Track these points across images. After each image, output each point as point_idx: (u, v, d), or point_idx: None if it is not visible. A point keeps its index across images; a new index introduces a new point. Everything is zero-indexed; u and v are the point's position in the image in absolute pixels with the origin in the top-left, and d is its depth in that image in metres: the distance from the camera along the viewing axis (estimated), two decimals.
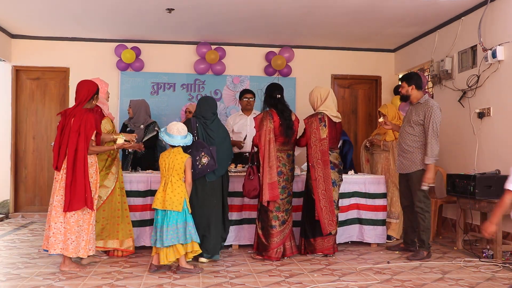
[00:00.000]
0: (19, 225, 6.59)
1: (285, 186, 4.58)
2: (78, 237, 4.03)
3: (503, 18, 5.28)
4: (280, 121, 4.55)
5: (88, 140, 3.99)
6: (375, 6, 5.79)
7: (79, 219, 4.03)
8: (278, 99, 4.64)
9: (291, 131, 4.60)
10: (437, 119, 4.61)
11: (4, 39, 7.06)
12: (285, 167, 4.59)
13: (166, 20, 6.45)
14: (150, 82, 7.45)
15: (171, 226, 3.95)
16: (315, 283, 3.78)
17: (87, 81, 4.25)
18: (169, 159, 4.08)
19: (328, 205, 4.57)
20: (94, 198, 4.10)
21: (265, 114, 4.59)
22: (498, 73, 5.34)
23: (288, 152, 4.65)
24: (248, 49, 7.67)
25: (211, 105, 4.55)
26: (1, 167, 7.26)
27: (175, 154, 4.10)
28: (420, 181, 4.69)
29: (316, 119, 4.63)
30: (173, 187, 4.02)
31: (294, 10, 5.98)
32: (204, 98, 4.70)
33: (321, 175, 4.57)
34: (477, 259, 4.68)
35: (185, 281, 3.83)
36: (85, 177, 3.97)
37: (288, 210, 4.63)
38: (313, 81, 7.63)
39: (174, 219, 3.97)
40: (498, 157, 5.29)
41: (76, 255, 4.06)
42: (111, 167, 4.54)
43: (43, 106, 7.45)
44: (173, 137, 4.08)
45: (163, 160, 4.11)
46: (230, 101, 7.60)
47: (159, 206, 4.01)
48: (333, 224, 4.59)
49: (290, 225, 4.66)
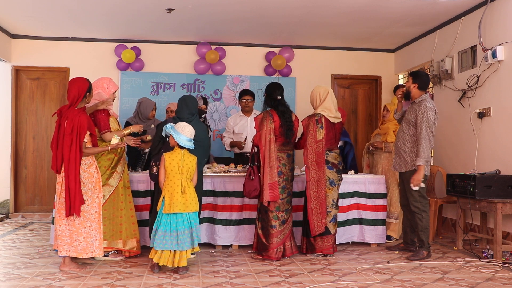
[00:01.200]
0: (19, 225, 6.59)
1: (285, 186, 4.59)
2: (87, 238, 4.05)
3: (503, 18, 5.28)
4: (280, 121, 4.55)
5: (80, 144, 3.99)
6: (375, 6, 5.79)
7: (85, 220, 4.05)
8: (279, 100, 4.64)
9: (291, 132, 4.60)
10: (430, 120, 4.57)
11: (4, 39, 7.07)
12: (285, 167, 4.59)
13: (166, 20, 6.45)
14: (150, 82, 7.45)
15: (188, 229, 3.97)
16: (315, 283, 3.78)
17: (77, 79, 4.20)
18: (182, 161, 4.04)
19: (319, 207, 4.59)
20: (98, 197, 4.11)
21: (265, 114, 4.59)
22: (498, 73, 5.34)
23: (288, 152, 4.65)
24: (248, 49, 7.67)
25: (188, 105, 4.43)
26: (1, 167, 7.26)
27: (187, 156, 4.09)
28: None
29: (313, 121, 4.64)
30: (191, 189, 4.05)
31: (294, 10, 5.98)
32: (183, 98, 4.55)
33: (314, 176, 4.59)
34: (477, 259, 4.68)
35: (185, 281, 3.83)
36: (76, 182, 3.95)
37: (288, 210, 4.63)
38: (313, 81, 7.63)
39: (193, 220, 4.01)
40: (498, 157, 5.29)
41: (90, 255, 4.09)
42: (117, 166, 4.53)
43: (43, 106, 7.45)
44: (180, 136, 4.04)
45: (171, 160, 4.03)
46: (230, 101, 7.60)
47: (181, 210, 3.95)
48: (322, 226, 4.60)
49: (290, 225, 4.66)
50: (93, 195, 4.12)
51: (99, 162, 4.41)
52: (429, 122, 4.56)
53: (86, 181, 4.09)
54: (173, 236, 3.93)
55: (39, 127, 7.46)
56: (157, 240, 3.95)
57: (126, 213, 4.54)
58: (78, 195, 3.94)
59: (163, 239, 3.94)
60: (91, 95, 4.23)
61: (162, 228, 3.96)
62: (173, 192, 3.98)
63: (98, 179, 4.16)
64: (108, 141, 4.40)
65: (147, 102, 5.88)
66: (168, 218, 3.97)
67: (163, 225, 3.96)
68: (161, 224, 3.97)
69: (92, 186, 4.12)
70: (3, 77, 7.31)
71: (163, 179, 4.08)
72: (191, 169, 4.08)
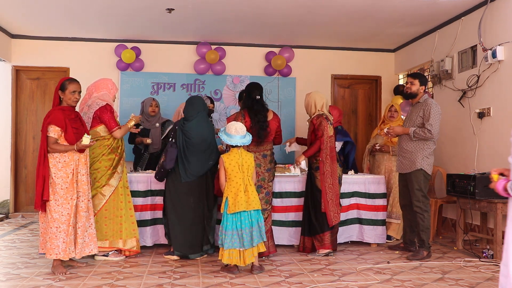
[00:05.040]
0: (19, 225, 6.59)
1: (261, 186, 4.62)
2: (53, 238, 3.95)
3: (503, 18, 5.28)
4: (251, 122, 4.57)
5: (44, 138, 4.02)
6: (375, 6, 5.79)
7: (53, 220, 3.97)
8: (257, 100, 4.66)
9: (264, 132, 4.61)
10: (437, 116, 4.64)
11: (4, 39, 7.06)
12: (259, 168, 4.61)
13: (166, 20, 6.45)
14: (150, 82, 7.45)
15: (255, 226, 4.01)
16: (315, 283, 3.78)
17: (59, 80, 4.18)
18: (241, 160, 4.07)
19: (334, 198, 4.73)
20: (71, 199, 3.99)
21: (237, 115, 4.66)
22: (498, 73, 5.33)
23: (264, 153, 4.67)
24: (248, 49, 7.67)
25: (193, 105, 4.59)
26: (1, 167, 7.26)
27: (245, 154, 4.12)
28: (418, 182, 4.71)
29: (323, 118, 4.75)
30: (252, 187, 4.09)
31: (294, 10, 5.98)
32: (189, 98, 4.76)
33: (329, 170, 4.72)
34: (477, 259, 4.68)
35: (185, 281, 3.83)
36: (39, 176, 3.98)
37: (265, 210, 4.64)
38: (313, 81, 7.65)
39: (258, 217, 4.04)
40: (498, 157, 5.29)
41: (54, 257, 3.97)
42: (118, 166, 4.53)
43: (43, 106, 7.44)
44: (231, 137, 4.07)
45: (230, 161, 4.06)
46: (230, 101, 7.60)
47: (244, 208, 3.98)
48: (338, 216, 4.75)
49: (269, 225, 4.68)
50: (66, 196, 3.98)
51: (100, 162, 4.42)
52: (436, 117, 4.64)
53: (58, 179, 3.98)
54: (240, 235, 3.97)
55: (39, 127, 7.42)
56: (227, 240, 3.97)
57: (126, 213, 4.55)
58: (39, 190, 3.93)
59: (231, 238, 3.97)
60: (63, 92, 4.08)
61: (230, 228, 3.99)
62: (236, 191, 4.02)
63: (73, 182, 4.02)
64: (118, 138, 4.48)
65: (147, 100, 5.99)
66: (234, 217, 4.00)
67: (230, 225, 3.99)
68: (229, 223, 3.99)
69: (65, 187, 3.99)
70: (3, 77, 7.31)
71: (224, 180, 4.11)
72: (250, 166, 4.12)
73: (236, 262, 3.98)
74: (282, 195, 5.06)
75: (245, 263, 4.00)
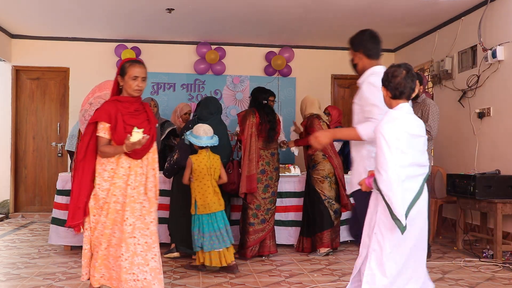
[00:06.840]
0: (19, 225, 6.59)
1: (268, 185, 4.61)
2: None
3: (503, 18, 5.28)
4: (260, 119, 4.59)
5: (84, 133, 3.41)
6: (375, 6, 5.79)
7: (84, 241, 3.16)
8: (265, 104, 4.69)
9: (274, 131, 4.65)
10: (436, 116, 4.65)
11: (4, 39, 7.06)
12: (268, 166, 4.62)
13: (166, 20, 6.45)
14: (150, 82, 7.44)
15: (227, 225, 4.06)
16: (315, 283, 3.78)
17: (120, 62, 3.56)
18: (209, 162, 4.07)
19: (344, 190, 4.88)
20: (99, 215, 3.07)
21: (248, 111, 4.69)
22: (498, 73, 5.33)
23: (272, 151, 4.69)
24: (248, 49, 7.67)
25: (208, 106, 4.59)
26: (1, 167, 7.25)
27: (213, 156, 4.13)
28: None
29: (314, 118, 4.80)
30: (217, 188, 4.11)
31: (294, 10, 5.98)
32: (205, 99, 4.81)
33: (339, 162, 4.89)
34: (477, 259, 4.68)
35: (185, 281, 3.83)
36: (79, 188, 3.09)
37: (270, 210, 4.64)
38: (313, 81, 7.64)
39: (225, 218, 4.07)
40: (498, 157, 5.29)
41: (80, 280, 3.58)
42: None
43: (43, 106, 7.45)
44: (199, 138, 4.07)
45: (199, 163, 4.05)
46: (230, 101, 7.60)
47: (219, 208, 4.02)
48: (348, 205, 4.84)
49: (272, 225, 4.67)
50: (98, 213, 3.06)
51: None
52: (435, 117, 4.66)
53: (102, 193, 3.02)
54: (217, 236, 3.98)
55: (39, 127, 7.46)
56: (205, 242, 3.96)
57: None
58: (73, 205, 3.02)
59: (210, 240, 3.97)
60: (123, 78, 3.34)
61: (207, 230, 3.97)
62: (204, 193, 4.02)
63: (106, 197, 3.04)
64: None
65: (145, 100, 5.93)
66: (210, 218, 4.00)
67: (207, 227, 3.98)
68: (205, 226, 3.98)
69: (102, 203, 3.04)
70: (3, 77, 7.31)
71: (187, 180, 4.10)
72: (217, 168, 4.12)
73: (216, 263, 3.99)
74: (282, 195, 5.05)
75: (227, 263, 4.01)
